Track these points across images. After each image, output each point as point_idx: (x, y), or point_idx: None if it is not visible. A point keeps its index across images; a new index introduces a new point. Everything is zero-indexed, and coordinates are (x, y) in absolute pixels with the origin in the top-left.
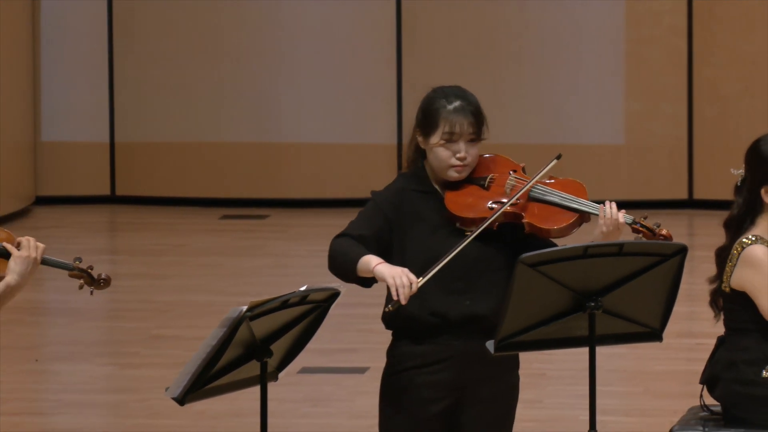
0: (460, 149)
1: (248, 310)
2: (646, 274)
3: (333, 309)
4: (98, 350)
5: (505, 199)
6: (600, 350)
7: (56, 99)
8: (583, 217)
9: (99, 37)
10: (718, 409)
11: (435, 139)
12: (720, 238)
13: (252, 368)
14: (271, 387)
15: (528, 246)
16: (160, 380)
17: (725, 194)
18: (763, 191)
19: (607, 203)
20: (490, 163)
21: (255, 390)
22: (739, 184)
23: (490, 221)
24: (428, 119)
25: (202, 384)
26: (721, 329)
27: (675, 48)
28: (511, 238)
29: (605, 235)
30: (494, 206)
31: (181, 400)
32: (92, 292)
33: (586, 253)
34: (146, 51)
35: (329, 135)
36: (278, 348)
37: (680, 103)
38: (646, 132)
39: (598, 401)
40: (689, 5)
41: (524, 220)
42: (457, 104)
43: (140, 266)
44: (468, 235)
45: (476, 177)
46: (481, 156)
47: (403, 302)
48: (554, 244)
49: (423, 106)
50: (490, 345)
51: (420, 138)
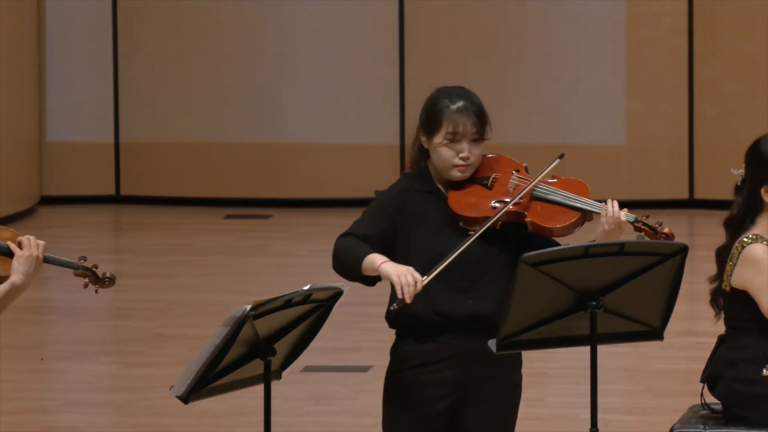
0: (464, 149)
1: (252, 309)
2: (647, 274)
3: (336, 308)
4: (102, 349)
5: (508, 199)
6: (601, 349)
7: (61, 99)
8: (586, 216)
9: (103, 38)
10: (719, 408)
11: (438, 139)
12: (720, 238)
13: (255, 367)
14: (275, 385)
15: (531, 245)
16: (164, 379)
17: (726, 194)
18: (763, 191)
19: (609, 202)
20: (493, 163)
21: (259, 389)
22: (739, 184)
23: (494, 220)
24: (431, 119)
25: (206, 383)
26: (722, 328)
27: (676, 48)
28: (514, 237)
29: (607, 234)
30: (497, 205)
31: (185, 399)
32: (97, 291)
33: (588, 253)
34: (150, 51)
35: (332, 135)
36: (282, 347)
37: (681, 104)
38: (647, 132)
39: (600, 400)
40: (690, 6)
41: (527, 219)
42: (461, 104)
43: (144, 266)
44: (471, 235)
45: (479, 177)
46: (484, 156)
47: (408, 301)
48: (557, 243)
49: (426, 106)
50: (493, 344)
51: (423, 138)
